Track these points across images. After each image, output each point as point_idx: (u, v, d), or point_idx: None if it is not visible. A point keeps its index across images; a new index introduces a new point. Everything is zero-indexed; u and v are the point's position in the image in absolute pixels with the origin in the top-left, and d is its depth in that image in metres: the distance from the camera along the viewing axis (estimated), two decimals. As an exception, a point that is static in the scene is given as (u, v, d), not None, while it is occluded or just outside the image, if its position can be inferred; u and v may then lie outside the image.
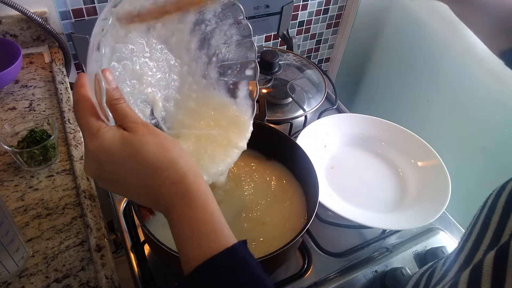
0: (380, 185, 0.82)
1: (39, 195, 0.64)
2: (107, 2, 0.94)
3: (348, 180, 0.82)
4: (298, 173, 0.72)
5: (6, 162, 0.68)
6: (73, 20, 0.93)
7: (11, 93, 0.82)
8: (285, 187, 0.71)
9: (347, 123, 0.90)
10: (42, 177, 0.67)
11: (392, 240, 0.75)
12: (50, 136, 0.67)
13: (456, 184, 0.76)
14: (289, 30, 1.22)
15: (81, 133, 0.74)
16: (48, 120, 0.69)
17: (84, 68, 1.00)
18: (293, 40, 1.21)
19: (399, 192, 0.81)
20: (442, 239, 0.75)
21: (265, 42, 1.29)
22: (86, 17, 0.94)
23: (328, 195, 0.77)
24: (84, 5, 0.92)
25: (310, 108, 0.96)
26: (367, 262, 0.70)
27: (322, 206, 0.70)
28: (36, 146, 0.64)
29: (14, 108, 0.78)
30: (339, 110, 1.04)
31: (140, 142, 0.36)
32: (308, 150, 0.67)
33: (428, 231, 0.77)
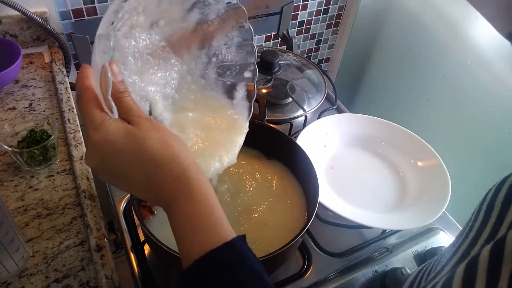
0: (380, 185, 0.82)
1: (39, 195, 0.64)
2: (107, 2, 0.94)
3: (348, 180, 0.82)
4: (298, 173, 0.72)
5: (6, 162, 0.68)
6: (73, 20, 0.93)
7: (11, 93, 0.82)
8: (286, 186, 0.71)
9: (347, 123, 0.90)
10: (42, 177, 0.67)
11: (392, 240, 0.75)
12: (50, 136, 0.67)
13: (456, 184, 0.76)
14: (289, 30, 1.23)
15: (81, 133, 0.74)
16: (48, 120, 0.69)
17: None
18: (293, 40, 1.21)
19: (399, 192, 0.81)
20: (442, 239, 0.75)
21: (265, 42, 1.28)
22: (86, 17, 0.94)
23: (328, 195, 0.77)
24: (84, 5, 0.92)
25: (310, 108, 0.96)
26: (367, 262, 0.70)
27: (322, 206, 0.70)
28: (36, 146, 0.64)
29: (14, 108, 0.78)
30: (339, 110, 1.04)
31: (143, 137, 0.37)
32: (308, 150, 0.67)
33: (428, 231, 0.77)
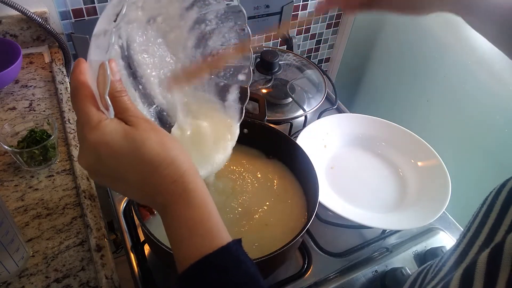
0: (380, 185, 0.82)
1: (39, 195, 0.64)
2: (107, 2, 0.94)
3: (348, 180, 0.82)
4: (298, 173, 0.72)
5: (6, 162, 0.68)
6: (73, 20, 0.93)
7: (11, 93, 0.82)
8: (287, 186, 0.71)
9: (347, 123, 0.90)
10: (42, 177, 0.67)
11: (392, 240, 0.75)
12: (50, 136, 0.67)
13: (456, 184, 0.76)
14: (289, 30, 1.23)
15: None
16: (48, 120, 0.69)
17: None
18: (293, 40, 1.21)
19: (399, 192, 0.80)
20: (442, 239, 0.75)
21: (265, 42, 1.28)
22: (86, 17, 0.94)
23: (328, 195, 0.77)
24: (84, 5, 0.92)
25: (310, 108, 0.96)
26: (367, 262, 0.70)
27: (322, 206, 0.70)
28: (36, 146, 0.64)
29: (14, 108, 0.78)
30: (339, 110, 1.04)
31: (142, 139, 0.36)
32: (308, 150, 0.67)
33: (428, 231, 0.77)
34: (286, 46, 1.24)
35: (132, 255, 0.67)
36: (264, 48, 1.07)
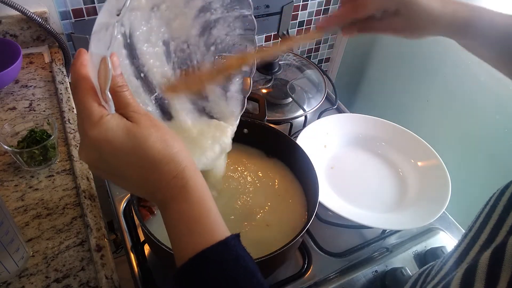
0: (380, 185, 0.82)
1: (39, 195, 0.64)
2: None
3: (348, 180, 0.82)
4: (298, 173, 0.72)
5: (6, 162, 0.68)
6: (73, 20, 0.93)
7: (11, 93, 0.82)
8: (287, 186, 0.71)
9: (347, 123, 0.90)
10: (42, 177, 0.67)
11: (392, 240, 0.75)
12: (50, 136, 0.67)
13: (456, 184, 0.76)
14: (289, 30, 1.23)
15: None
16: (48, 120, 0.69)
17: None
18: (293, 40, 1.21)
19: (399, 192, 0.81)
20: (442, 239, 0.75)
21: (265, 42, 1.28)
22: (86, 17, 0.94)
23: (328, 195, 0.77)
24: (84, 5, 0.92)
25: (310, 108, 0.96)
26: (367, 262, 0.70)
27: (322, 206, 0.70)
28: (36, 146, 0.64)
29: (14, 108, 0.78)
30: (339, 110, 1.04)
31: (143, 135, 0.36)
32: (308, 150, 0.67)
33: (428, 231, 0.77)
34: (286, 46, 1.24)
35: (132, 255, 0.67)
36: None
